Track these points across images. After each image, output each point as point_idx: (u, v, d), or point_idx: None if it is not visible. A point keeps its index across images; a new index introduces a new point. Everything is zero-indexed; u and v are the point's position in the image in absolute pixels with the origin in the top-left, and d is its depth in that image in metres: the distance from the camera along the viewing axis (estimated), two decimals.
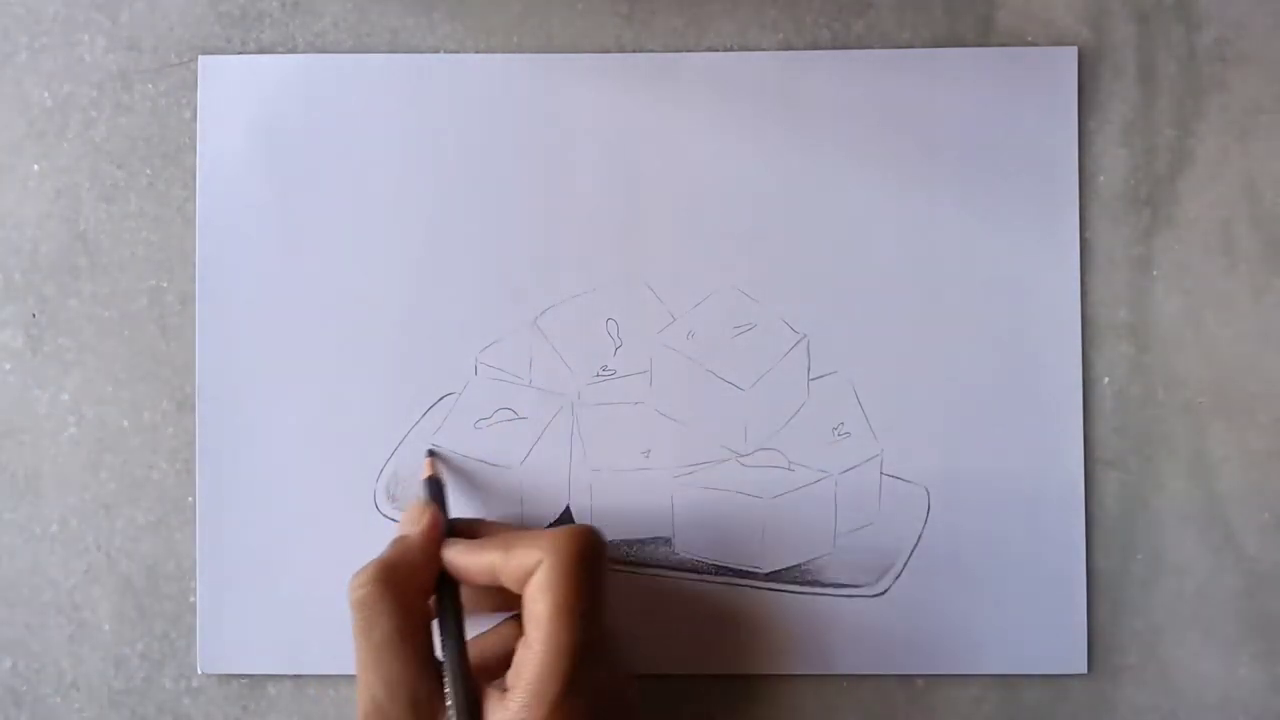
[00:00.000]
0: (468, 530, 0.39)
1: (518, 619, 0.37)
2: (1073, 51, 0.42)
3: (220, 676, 0.42)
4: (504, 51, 0.43)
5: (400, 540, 0.38)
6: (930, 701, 0.42)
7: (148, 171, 0.43)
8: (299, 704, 0.42)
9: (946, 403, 0.42)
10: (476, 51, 0.43)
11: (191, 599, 0.42)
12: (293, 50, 0.43)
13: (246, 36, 0.43)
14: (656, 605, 0.42)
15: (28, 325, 0.43)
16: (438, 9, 0.43)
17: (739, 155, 0.42)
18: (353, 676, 0.42)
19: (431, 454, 0.41)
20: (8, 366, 0.43)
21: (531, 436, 0.42)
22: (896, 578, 0.42)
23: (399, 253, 0.42)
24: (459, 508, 0.42)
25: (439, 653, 0.36)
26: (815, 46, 0.42)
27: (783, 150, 0.42)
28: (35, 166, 0.43)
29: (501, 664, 0.36)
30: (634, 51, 0.42)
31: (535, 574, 0.35)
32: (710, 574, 0.42)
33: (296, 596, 0.42)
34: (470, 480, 0.42)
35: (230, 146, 0.42)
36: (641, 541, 0.42)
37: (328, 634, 0.42)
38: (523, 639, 0.35)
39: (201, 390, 0.42)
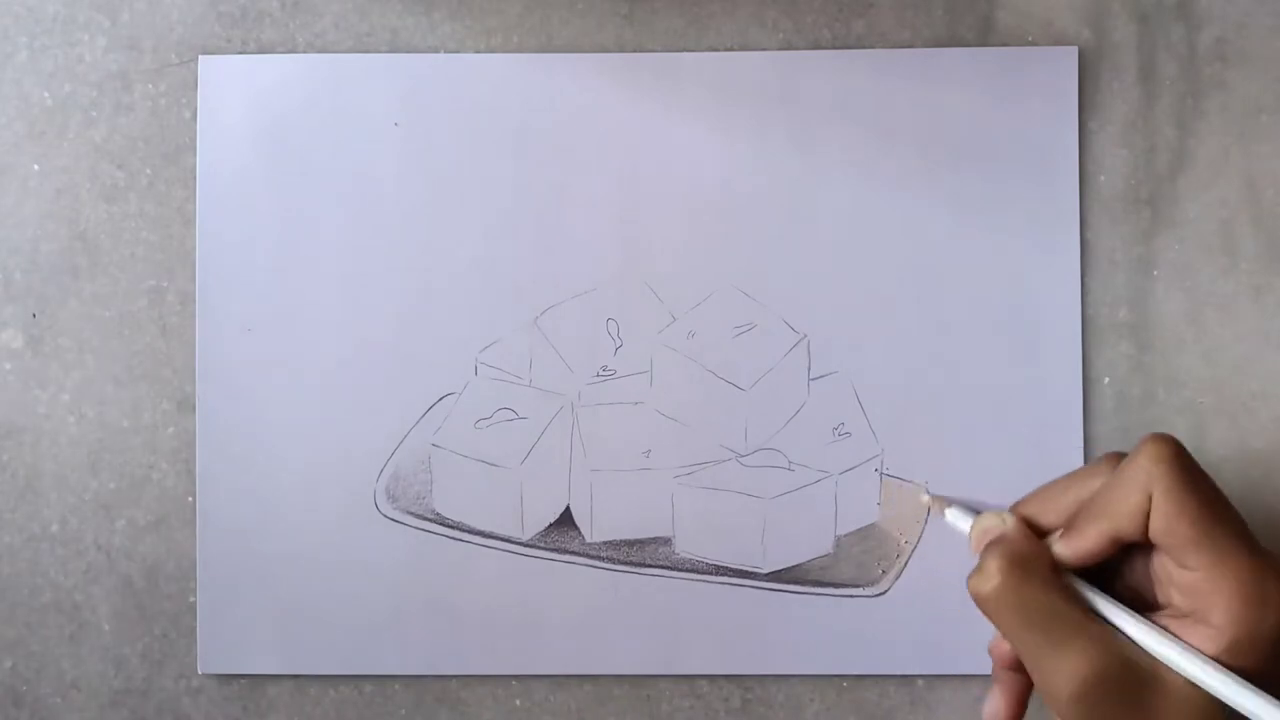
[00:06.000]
0: (1029, 514, 0.37)
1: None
2: (1073, 51, 0.42)
3: (220, 676, 0.42)
4: (504, 51, 0.43)
5: (1000, 537, 0.36)
6: (930, 701, 0.42)
7: (148, 171, 0.43)
8: (299, 704, 0.42)
9: (946, 403, 0.42)
10: (476, 51, 0.43)
11: (191, 599, 0.42)
12: (293, 50, 0.43)
13: (246, 36, 0.43)
14: (656, 605, 0.42)
15: (28, 325, 0.43)
16: (438, 9, 0.43)
17: (739, 155, 0.42)
18: (353, 677, 0.42)
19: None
20: (8, 366, 0.43)
21: (531, 436, 0.42)
22: (897, 578, 0.42)
23: (399, 252, 0.42)
24: (457, 510, 0.42)
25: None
26: (815, 46, 0.42)
27: (783, 150, 0.42)
28: (35, 166, 0.43)
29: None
30: (634, 51, 0.42)
31: (1153, 511, 0.33)
32: (710, 574, 0.42)
33: (296, 596, 0.42)
34: (470, 480, 0.42)
35: (230, 146, 0.42)
36: (641, 541, 0.42)
37: (328, 634, 0.42)
38: (1166, 569, 0.34)
39: (201, 390, 0.42)
